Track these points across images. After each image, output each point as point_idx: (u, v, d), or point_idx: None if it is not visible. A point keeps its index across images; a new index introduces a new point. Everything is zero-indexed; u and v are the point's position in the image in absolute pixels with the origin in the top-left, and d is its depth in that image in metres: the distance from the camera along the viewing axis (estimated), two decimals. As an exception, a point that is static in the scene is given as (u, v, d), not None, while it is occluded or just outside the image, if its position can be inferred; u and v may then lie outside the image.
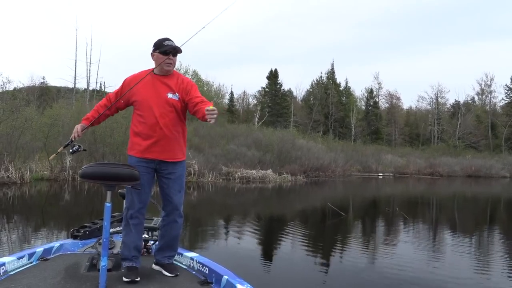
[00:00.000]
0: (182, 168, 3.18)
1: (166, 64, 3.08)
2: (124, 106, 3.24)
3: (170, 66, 3.10)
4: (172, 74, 3.14)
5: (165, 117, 3.02)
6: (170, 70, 3.12)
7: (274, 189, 18.60)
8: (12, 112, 16.88)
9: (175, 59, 3.13)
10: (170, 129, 3.03)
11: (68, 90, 37.94)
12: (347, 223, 9.83)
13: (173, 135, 3.05)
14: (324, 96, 55.12)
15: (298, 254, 6.40)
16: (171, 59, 3.09)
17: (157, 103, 3.04)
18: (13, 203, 11.32)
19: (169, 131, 3.03)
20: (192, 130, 25.87)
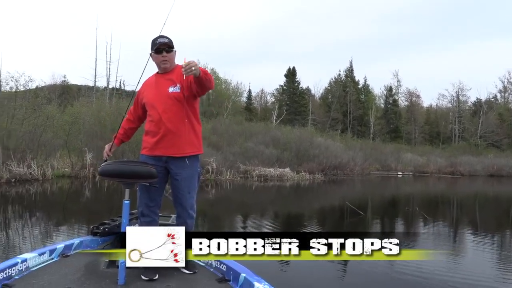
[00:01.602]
0: (191, 168, 3.12)
1: (162, 62, 3.10)
2: (143, 113, 3.27)
3: (166, 63, 3.11)
4: (175, 68, 3.13)
5: (168, 111, 3.02)
6: (168, 67, 3.12)
7: (292, 188, 18.55)
8: (34, 110, 17.18)
9: (171, 54, 3.11)
10: (174, 124, 3.02)
11: (88, 88, 38.43)
12: (366, 222, 9.73)
13: (179, 129, 3.04)
14: (343, 94, 54.71)
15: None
16: (165, 56, 3.09)
17: (159, 99, 3.06)
18: (35, 199, 11.54)
19: (173, 126, 3.02)
20: (210, 128, 26.01)
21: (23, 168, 15.20)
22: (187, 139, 3.08)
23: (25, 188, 13.41)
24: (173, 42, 3.12)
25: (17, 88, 17.39)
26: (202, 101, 42.78)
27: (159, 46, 3.05)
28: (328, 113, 52.62)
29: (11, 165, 14.89)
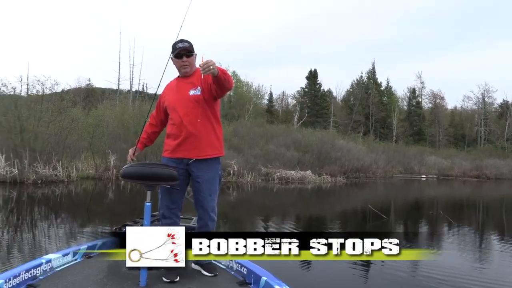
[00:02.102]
0: (212, 170, 3.13)
1: (182, 67, 3.12)
2: (165, 116, 3.30)
3: (186, 67, 3.12)
4: (196, 71, 3.13)
5: (190, 114, 3.03)
6: (189, 71, 3.13)
7: (314, 190, 18.44)
8: (60, 113, 17.52)
9: (191, 59, 3.11)
10: (195, 126, 3.03)
11: (112, 91, 39.04)
12: (389, 226, 9.60)
13: (200, 132, 3.04)
14: (365, 96, 54.20)
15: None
16: (185, 61, 3.10)
17: (180, 103, 3.07)
18: (60, 200, 11.76)
19: (194, 128, 3.03)
20: (231, 131, 26.09)
21: (49, 170, 15.52)
22: (208, 142, 3.09)
23: (50, 189, 13.68)
24: (193, 46, 3.13)
25: (43, 92, 17.75)
26: (224, 104, 43.10)
27: (180, 51, 3.07)
28: (350, 116, 52.20)
29: (37, 166, 15.22)
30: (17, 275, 2.62)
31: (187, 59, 3.09)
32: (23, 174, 14.80)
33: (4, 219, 8.50)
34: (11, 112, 15.72)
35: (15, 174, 14.70)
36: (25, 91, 18.81)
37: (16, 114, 15.61)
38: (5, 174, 14.63)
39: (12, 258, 5.44)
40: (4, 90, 17.10)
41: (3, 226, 7.72)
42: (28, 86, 18.32)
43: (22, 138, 15.36)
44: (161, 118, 3.36)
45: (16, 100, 16.27)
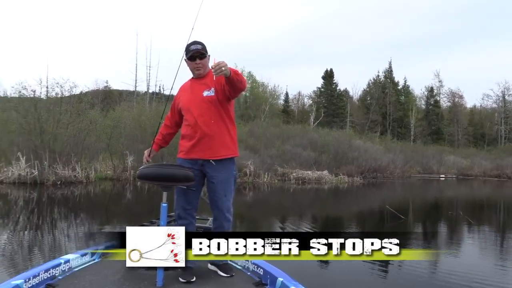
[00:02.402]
0: (227, 170, 3.13)
1: (195, 69, 3.14)
2: (180, 118, 3.32)
3: (200, 69, 3.13)
4: (209, 72, 3.13)
5: (204, 115, 3.04)
6: (202, 73, 3.15)
7: (330, 190, 18.34)
8: (78, 115, 17.77)
9: (204, 60, 3.13)
10: (210, 127, 3.03)
11: (129, 93, 39.44)
12: (407, 227, 9.48)
13: (215, 133, 3.05)
14: (382, 95, 53.75)
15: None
16: (199, 63, 3.11)
17: (195, 104, 3.09)
18: (79, 201, 11.92)
19: (209, 129, 3.03)
20: (247, 131, 26.11)
21: (68, 171, 15.75)
22: (222, 142, 3.09)
23: (69, 190, 13.89)
24: (206, 47, 3.14)
25: (62, 94, 18.01)
26: (240, 104, 43.20)
27: (193, 53, 3.08)
28: (366, 115, 51.83)
29: (57, 168, 15.46)
30: (36, 275, 2.66)
31: (200, 61, 3.11)
32: (43, 175, 15.05)
33: (25, 219, 8.66)
34: (31, 114, 16.01)
35: (35, 175, 14.95)
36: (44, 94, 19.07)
37: (36, 116, 15.89)
38: (25, 175, 14.89)
39: (33, 257, 5.54)
40: (24, 92, 17.41)
41: (24, 227, 7.85)
42: (48, 89, 18.59)
43: (42, 140, 15.62)
44: (175, 120, 3.38)
45: (36, 103, 16.55)
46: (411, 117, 52.10)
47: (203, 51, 3.10)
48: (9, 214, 9.25)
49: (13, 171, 14.93)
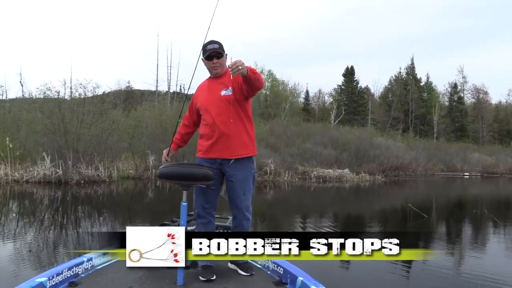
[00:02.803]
0: (245, 169, 3.13)
1: (213, 68, 3.13)
2: (198, 117, 3.32)
3: (217, 69, 3.13)
4: (227, 71, 3.12)
5: (222, 114, 3.04)
6: (219, 72, 3.14)
7: (352, 189, 18.20)
8: (101, 115, 18.03)
9: (221, 60, 3.11)
10: (228, 126, 3.03)
11: (150, 93, 39.84)
12: (430, 225, 9.33)
13: (233, 132, 3.04)
14: (404, 92, 53.05)
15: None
16: (216, 63, 3.10)
17: (212, 103, 3.09)
18: (102, 200, 12.10)
19: (226, 128, 3.03)
20: (267, 130, 26.10)
21: (91, 170, 16.01)
22: (240, 141, 3.09)
23: (93, 189, 14.11)
24: (223, 46, 3.14)
25: (85, 95, 18.34)
26: (260, 103, 43.20)
27: (210, 53, 3.08)
28: (388, 112, 51.24)
29: (80, 167, 15.74)
30: (60, 273, 2.71)
31: (218, 60, 3.10)
32: (67, 174, 15.33)
33: (50, 218, 8.83)
34: (55, 115, 16.32)
35: (60, 175, 15.25)
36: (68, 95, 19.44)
37: (60, 116, 16.19)
38: (50, 174, 15.20)
39: (57, 255, 5.65)
40: (49, 94, 17.78)
41: (49, 225, 8.02)
42: (71, 90, 18.95)
43: (66, 140, 15.92)
44: (193, 119, 3.39)
45: (60, 103, 16.87)
46: (434, 114, 51.25)
47: (220, 50, 3.09)
48: (35, 213, 9.46)
49: (38, 171, 15.27)
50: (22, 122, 18.28)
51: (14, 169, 15.60)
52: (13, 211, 9.81)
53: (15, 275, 4.69)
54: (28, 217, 8.83)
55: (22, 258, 5.47)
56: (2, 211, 9.72)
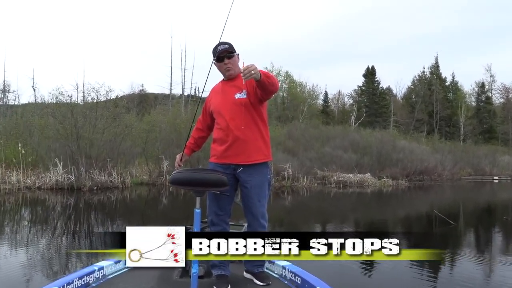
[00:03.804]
0: (261, 174, 3.11)
1: (225, 70, 3.12)
2: (212, 121, 3.31)
3: (230, 70, 3.12)
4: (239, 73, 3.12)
5: (236, 118, 3.02)
6: (233, 73, 3.13)
7: (374, 194, 18.03)
8: (114, 120, 18.25)
9: (233, 60, 3.11)
10: (242, 131, 3.01)
11: (164, 96, 40.21)
12: (457, 233, 9.18)
13: (247, 136, 3.03)
14: (428, 93, 52.44)
15: (400, 266, 6.09)
16: (228, 63, 3.10)
17: (225, 106, 3.08)
18: (115, 206, 12.22)
19: (241, 133, 3.01)
20: (285, 133, 26.07)
21: (104, 176, 16.19)
22: (255, 146, 3.07)
23: (106, 195, 14.27)
24: (234, 46, 3.14)
25: (98, 99, 18.59)
26: (277, 106, 43.22)
27: (219, 54, 3.08)
28: (411, 114, 50.69)
29: (93, 173, 15.93)
30: (70, 282, 2.73)
31: (229, 60, 3.09)
32: (80, 180, 15.54)
33: (63, 225, 8.95)
34: (67, 120, 16.57)
35: (72, 181, 15.46)
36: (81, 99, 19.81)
37: (73, 121, 16.42)
38: (62, 181, 15.43)
39: (69, 263, 5.71)
40: (61, 98, 18.08)
41: (61, 232, 8.12)
42: (84, 94, 19.25)
43: (79, 145, 16.14)
44: (207, 123, 3.38)
45: (72, 108, 17.10)
46: (460, 115, 50.53)
47: (230, 49, 3.09)
48: (47, 220, 9.59)
49: (50, 177, 15.51)
50: (34, 128, 18.61)
51: (26, 176, 15.86)
52: (25, 218, 9.97)
53: (27, 283, 4.76)
54: (41, 224, 8.96)
55: (34, 265, 5.56)
56: (15, 219, 9.89)
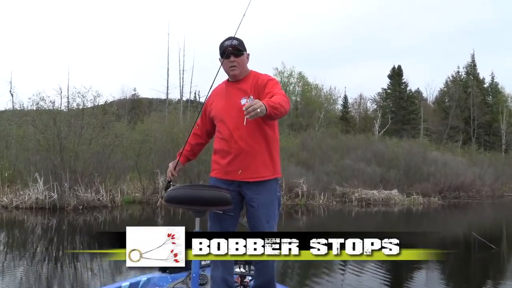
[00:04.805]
0: (269, 191, 3.07)
1: (230, 68, 3.10)
2: (212, 127, 3.29)
3: (235, 69, 3.09)
4: (248, 76, 3.11)
5: (241, 128, 2.97)
6: (238, 74, 3.11)
7: (401, 214, 17.92)
8: (102, 129, 18.26)
9: (241, 59, 3.09)
10: (247, 142, 2.98)
11: (160, 101, 40.30)
12: (500, 259, 9.07)
13: (253, 149, 3.00)
14: (463, 96, 52.24)
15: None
16: (234, 61, 3.06)
17: (229, 113, 3.05)
18: (104, 228, 12.21)
19: (246, 144, 2.98)
20: (299, 143, 26.04)
21: (91, 194, 16.18)
22: (263, 160, 3.04)
23: (93, 215, 14.28)
24: (245, 44, 3.13)
25: (84, 105, 18.62)
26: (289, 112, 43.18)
27: (226, 49, 3.05)
28: (445, 121, 50.49)
29: (78, 190, 15.93)
30: None
31: (236, 58, 3.07)
32: (63, 199, 15.55)
33: (43, 250, 8.95)
34: (50, 129, 16.60)
35: (55, 199, 15.46)
36: (64, 105, 19.84)
37: (55, 131, 16.47)
38: (43, 199, 15.43)
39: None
40: (42, 104, 18.08)
41: (42, 259, 8.11)
42: (68, 99, 19.32)
43: (62, 158, 16.18)
44: (207, 128, 3.36)
45: (55, 115, 17.15)
46: (502, 122, 50.24)
47: (240, 47, 3.08)
48: (26, 245, 9.61)
49: (30, 195, 15.54)
50: (12, 138, 18.66)
51: (2, 193, 15.93)
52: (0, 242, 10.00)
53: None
54: (18, 250, 8.97)
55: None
56: (-12, 243, 9.92)
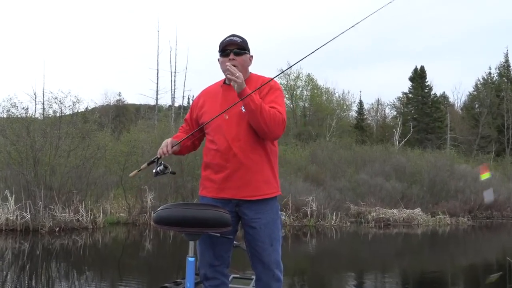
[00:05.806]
0: (271, 210, 3.07)
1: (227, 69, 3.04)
2: (199, 133, 3.23)
3: None
4: (249, 79, 3.10)
5: (240, 138, 2.97)
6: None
7: (425, 236, 17.90)
8: (82, 139, 18.23)
9: (241, 58, 3.09)
10: (247, 154, 2.97)
11: (149, 108, 40.39)
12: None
13: (254, 163, 2.99)
14: (496, 101, 52.26)
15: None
16: (234, 60, 3.06)
17: (228, 121, 3.02)
18: (84, 254, 12.19)
19: (246, 157, 2.96)
20: (307, 156, 26.02)
21: (69, 214, 16.11)
22: (265, 176, 3.04)
23: (71, 239, 14.25)
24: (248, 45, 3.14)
25: (61, 112, 18.60)
26: (296, 119, 43.29)
27: (226, 46, 3.07)
28: (475, 129, 50.48)
29: (54, 210, 15.86)
30: None
31: (236, 57, 3.07)
32: (37, 219, 15.49)
33: (14, 278, 8.94)
34: (22, 140, 16.58)
35: (28, 220, 15.40)
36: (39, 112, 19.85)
37: (29, 142, 16.44)
38: (15, 220, 15.35)
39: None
40: (14, 111, 18.07)
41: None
42: (44, 106, 19.33)
43: (36, 173, 16.15)
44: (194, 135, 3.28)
45: (28, 124, 17.10)
46: (541, 130, 50.29)
47: (242, 44, 3.09)
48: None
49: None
50: (-21, 150, 18.68)
51: (-33, 213, 15.91)
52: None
53: None
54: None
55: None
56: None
